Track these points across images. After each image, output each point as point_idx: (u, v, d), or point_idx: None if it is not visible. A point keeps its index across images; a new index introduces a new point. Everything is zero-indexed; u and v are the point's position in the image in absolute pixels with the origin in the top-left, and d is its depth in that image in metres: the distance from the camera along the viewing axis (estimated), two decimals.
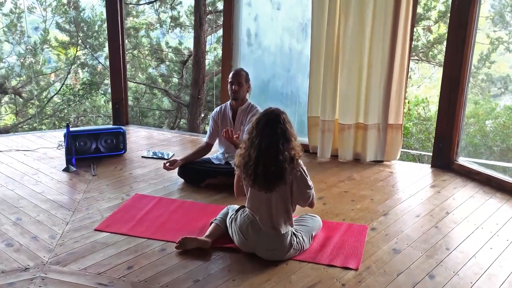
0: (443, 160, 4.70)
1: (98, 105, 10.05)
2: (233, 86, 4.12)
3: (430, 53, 9.02)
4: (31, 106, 9.63)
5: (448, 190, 4.18)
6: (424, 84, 10.83)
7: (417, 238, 3.32)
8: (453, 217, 3.66)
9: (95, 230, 3.35)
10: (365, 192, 4.12)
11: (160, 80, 10.18)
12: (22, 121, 9.52)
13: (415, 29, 8.97)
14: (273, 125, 2.89)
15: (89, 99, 9.82)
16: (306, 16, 4.92)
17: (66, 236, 3.26)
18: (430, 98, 9.41)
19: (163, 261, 2.99)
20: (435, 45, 8.85)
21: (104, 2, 5.76)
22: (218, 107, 4.39)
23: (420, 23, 8.80)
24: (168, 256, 3.04)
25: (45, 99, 9.79)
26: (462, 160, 4.68)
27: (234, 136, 3.85)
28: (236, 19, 5.20)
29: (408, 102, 8.63)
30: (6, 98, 9.66)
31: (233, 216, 3.16)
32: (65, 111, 9.64)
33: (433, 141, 4.91)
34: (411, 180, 4.43)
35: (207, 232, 3.19)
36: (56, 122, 9.63)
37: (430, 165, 4.81)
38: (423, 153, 7.89)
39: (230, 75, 4.16)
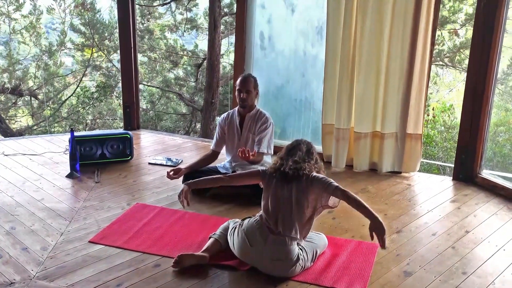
0: (466, 172, 4.40)
1: (114, 108, 10.00)
2: (242, 94, 3.93)
3: (457, 58, 8.62)
4: (45, 108, 9.63)
5: (470, 206, 3.90)
6: (456, 88, 10.41)
7: (432, 259, 3.06)
8: (473, 236, 3.38)
9: (89, 242, 3.20)
10: (379, 206, 3.87)
11: (174, 83, 10.05)
12: (35, 124, 9.53)
13: (440, 33, 8.61)
14: (303, 142, 3.07)
15: (104, 102, 9.76)
16: (322, 19, 4.69)
17: (59, 248, 3.11)
18: (461, 103, 8.99)
19: (156, 278, 2.81)
20: (461, 50, 8.45)
21: (116, 3, 5.64)
22: (225, 113, 4.21)
23: (445, 26, 8.43)
24: (162, 273, 2.86)
25: (60, 101, 9.79)
26: (486, 173, 4.38)
27: (251, 154, 3.61)
28: (249, 21, 5.01)
29: (433, 109, 8.28)
30: (22, 100, 9.69)
31: (239, 223, 2.99)
32: (79, 113, 9.60)
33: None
34: (430, 194, 4.16)
35: (204, 247, 3.01)
36: (75, 124, 9.61)
37: (451, 178, 4.52)
38: (445, 164, 7.54)
39: (238, 82, 3.97)
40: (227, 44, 9.50)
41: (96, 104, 9.55)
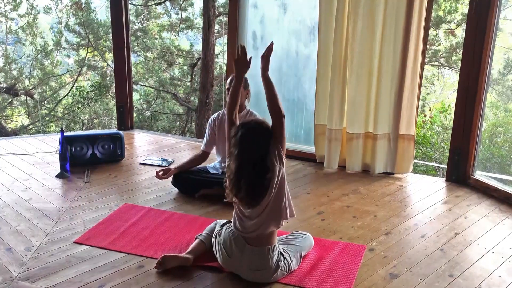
0: (459, 174, 4.37)
1: (110, 108, 9.98)
2: None
3: (453, 58, 8.57)
4: (40, 108, 9.62)
5: (461, 208, 3.86)
6: None
7: (419, 262, 3.02)
8: (462, 238, 3.34)
9: (74, 242, 3.17)
10: (369, 207, 3.83)
11: (169, 83, 10.02)
12: (31, 123, 9.52)
13: (436, 33, 8.56)
14: (253, 135, 2.72)
15: (100, 102, 9.75)
16: (314, 19, 4.65)
17: (43, 248, 3.09)
18: None
19: (138, 279, 2.78)
20: (457, 50, 8.39)
21: (109, 3, 5.62)
22: (216, 114, 4.18)
23: (440, 26, 8.38)
24: (145, 274, 2.83)
25: (55, 101, 9.78)
26: (479, 175, 4.33)
27: None
28: (241, 21, 4.98)
29: (430, 110, 8.23)
30: (18, 100, 9.69)
31: (218, 231, 2.94)
32: (74, 113, 9.58)
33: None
34: (422, 195, 4.12)
35: (189, 248, 2.98)
36: (71, 124, 9.62)
37: (444, 179, 4.48)
38: (440, 165, 7.49)
39: (228, 81, 3.95)
40: (222, 44, 9.48)
41: (92, 104, 9.53)
